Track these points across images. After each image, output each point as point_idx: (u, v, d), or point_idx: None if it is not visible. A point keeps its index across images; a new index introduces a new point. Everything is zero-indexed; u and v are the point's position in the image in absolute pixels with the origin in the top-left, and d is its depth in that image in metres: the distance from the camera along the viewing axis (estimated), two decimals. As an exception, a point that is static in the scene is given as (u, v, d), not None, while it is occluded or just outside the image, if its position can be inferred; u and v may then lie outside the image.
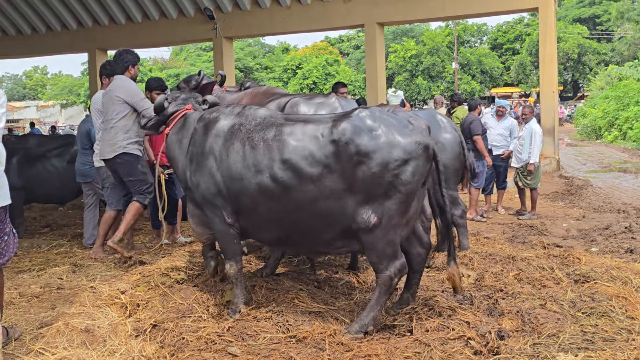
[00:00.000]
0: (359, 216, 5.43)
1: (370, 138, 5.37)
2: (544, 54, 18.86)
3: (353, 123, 5.47)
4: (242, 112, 6.12)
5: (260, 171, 5.67)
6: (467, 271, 7.24)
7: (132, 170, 8.15)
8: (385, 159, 5.32)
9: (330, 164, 5.45)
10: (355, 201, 5.42)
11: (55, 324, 5.64)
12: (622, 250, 8.98)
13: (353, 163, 5.36)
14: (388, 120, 5.50)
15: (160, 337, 5.48)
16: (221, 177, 5.91)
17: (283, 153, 5.60)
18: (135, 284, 6.84)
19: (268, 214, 5.80)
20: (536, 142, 12.18)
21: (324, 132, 5.55)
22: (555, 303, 6.13)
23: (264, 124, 5.86)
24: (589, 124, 38.09)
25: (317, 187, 5.48)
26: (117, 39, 23.78)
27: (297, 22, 21.06)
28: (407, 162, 5.35)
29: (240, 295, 6.19)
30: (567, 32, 65.27)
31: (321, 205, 5.51)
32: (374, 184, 5.34)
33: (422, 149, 5.42)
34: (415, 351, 5.13)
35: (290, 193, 5.58)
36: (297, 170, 5.52)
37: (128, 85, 8.14)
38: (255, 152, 5.73)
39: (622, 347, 5.07)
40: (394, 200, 5.38)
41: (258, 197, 5.74)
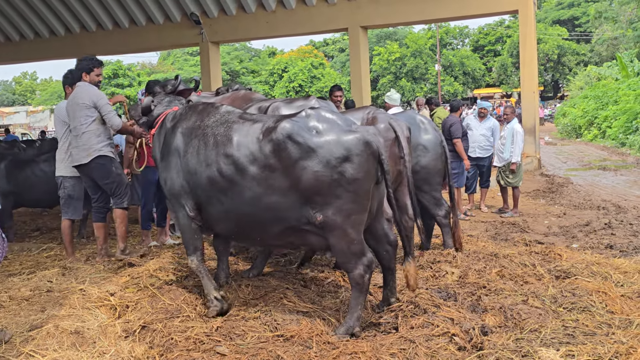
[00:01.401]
0: (307, 213, 5.49)
1: (310, 137, 5.42)
2: (524, 55, 18.93)
3: (293, 123, 5.54)
4: (205, 109, 6.32)
5: (209, 165, 5.87)
6: (451, 268, 7.25)
7: (108, 173, 8.09)
8: (325, 158, 5.35)
9: (271, 162, 5.54)
10: (301, 198, 5.48)
11: (45, 327, 5.60)
12: (602, 246, 9.03)
13: (293, 162, 5.42)
14: (331, 120, 5.54)
15: (149, 338, 5.45)
16: (183, 173, 6.13)
17: (226, 149, 5.77)
18: (124, 285, 6.81)
19: (220, 208, 5.94)
20: (518, 142, 12.24)
21: (264, 132, 5.66)
22: (537, 299, 6.14)
23: (220, 121, 6.04)
24: (569, 123, 38.29)
25: (259, 184, 5.59)
26: (104, 45, 23.75)
27: (282, 26, 21.05)
28: (348, 159, 5.35)
29: (209, 284, 6.31)
30: (547, 33, 65.54)
31: (266, 200, 5.60)
32: (317, 182, 5.37)
33: (364, 146, 5.41)
34: (401, 348, 5.13)
35: (235, 188, 5.72)
36: (240, 167, 5.67)
37: (92, 90, 8.08)
38: (207, 147, 5.93)
39: (603, 341, 5.08)
40: (345, 199, 5.38)
41: (210, 190, 5.93)
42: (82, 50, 23.62)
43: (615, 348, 4.87)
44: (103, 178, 8.10)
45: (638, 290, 6.40)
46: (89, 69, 8.23)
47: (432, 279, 7.00)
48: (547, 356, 4.84)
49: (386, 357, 4.95)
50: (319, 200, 5.41)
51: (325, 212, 5.41)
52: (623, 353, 4.76)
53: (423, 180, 8.07)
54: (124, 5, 22.33)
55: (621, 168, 20.27)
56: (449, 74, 68.60)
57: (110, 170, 8.11)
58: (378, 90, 64.91)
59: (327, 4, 20.16)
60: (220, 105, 6.40)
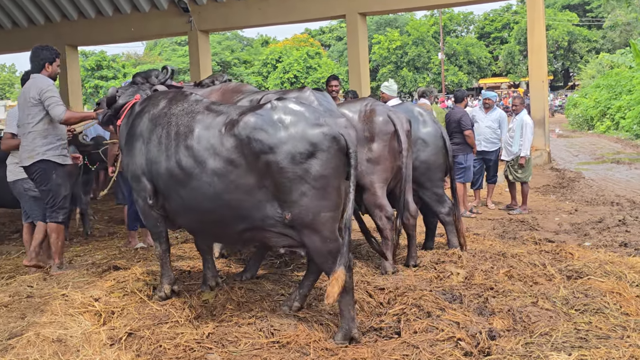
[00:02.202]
0: (273, 212, 5.52)
1: (274, 131, 5.44)
2: (532, 43, 18.89)
3: (257, 116, 5.56)
4: (175, 97, 6.39)
5: (169, 156, 5.95)
6: (456, 269, 7.24)
7: (46, 180, 7.76)
8: (289, 152, 5.36)
9: (233, 157, 5.57)
10: (266, 197, 5.51)
11: (25, 335, 5.58)
12: (616, 244, 9.03)
13: (255, 157, 5.45)
14: (299, 113, 5.54)
15: (136, 346, 5.44)
16: (144, 159, 6.22)
17: (187, 141, 5.83)
18: (109, 290, 6.80)
19: (180, 201, 6.03)
20: (527, 134, 12.22)
21: (227, 125, 5.69)
22: (548, 300, 6.14)
23: (186, 110, 6.10)
24: (581, 114, 38.26)
25: (221, 179, 5.62)
26: (87, 34, 23.67)
27: (276, 14, 20.98)
28: (313, 154, 5.36)
29: (165, 276, 6.57)
30: (557, 19, 65.57)
31: (228, 197, 5.64)
32: (282, 178, 5.39)
33: (331, 141, 5.41)
34: (404, 354, 5.13)
35: (195, 182, 5.77)
36: (199, 160, 5.73)
37: (44, 82, 7.81)
38: (169, 137, 6.00)
39: (617, 345, 5.08)
40: (313, 196, 5.40)
41: (169, 182, 6.02)
42: (63, 40, 23.59)
43: (631, 352, 4.87)
44: (40, 184, 7.81)
45: (654, 291, 6.41)
46: (52, 60, 8.08)
47: (437, 280, 6.99)
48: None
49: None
50: (286, 199, 5.43)
51: (293, 210, 5.43)
52: (639, 357, 4.76)
53: (423, 175, 8.07)
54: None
55: (636, 161, 20.28)
56: (452, 63, 68.61)
57: (49, 178, 7.77)
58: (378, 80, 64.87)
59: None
60: (190, 94, 6.46)
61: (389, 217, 7.48)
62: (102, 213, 13.01)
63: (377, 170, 7.44)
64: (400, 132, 7.44)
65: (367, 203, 7.51)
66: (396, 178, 7.64)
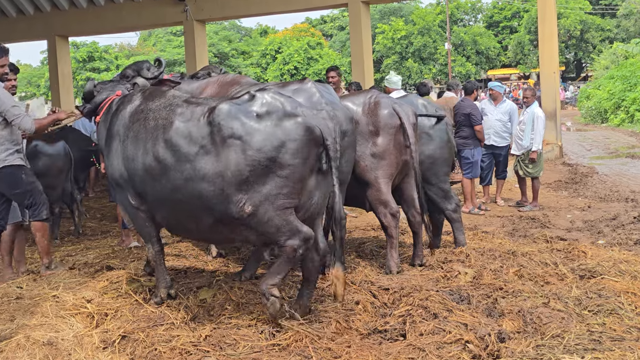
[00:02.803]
0: (234, 203, 5.62)
1: (247, 120, 5.60)
2: (543, 32, 18.88)
3: (232, 105, 5.73)
4: (152, 93, 6.54)
5: (146, 151, 6.07)
6: (464, 268, 7.24)
7: (17, 182, 7.62)
8: (259, 142, 5.51)
9: (204, 143, 5.72)
10: (230, 186, 5.62)
11: (15, 337, 5.60)
12: (630, 242, 9.02)
13: (225, 144, 5.59)
14: (275, 104, 5.68)
15: (130, 349, 5.45)
16: (121, 159, 6.36)
17: (166, 133, 5.95)
18: (102, 291, 6.82)
19: (156, 194, 6.16)
20: (538, 128, 12.19)
21: (204, 114, 5.83)
22: (560, 301, 6.14)
23: (163, 104, 6.23)
24: (594, 107, 38.23)
25: (190, 165, 5.76)
26: (78, 25, 23.67)
27: (276, 2, 20.96)
28: (283, 144, 5.52)
29: (161, 279, 6.61)
30: (568, 7, 65.47)
31: (196, 185, 5.75)
32: (248, 167, 5.52)
33: (302, 131, 5.55)
34: (409, 357, 5.15)
35: (170, 172, 5.90)
36: (175, 150, 5.85)
37: (5, 96, 7.51)
38: (147, 132, 6.13)
39: (632, 347, 5.09)
40: (274, 184, 5.55)
41: (145, 176, 6.15)
42: (53, 30, 23.60)
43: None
44: (12, 189, 7.64)
45: (671, 291, 6.41)
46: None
47: (443, 279, 6.99)
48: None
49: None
50: (248, 188, 5.57)
51: (254, 199, 5.56)
52: (655, 360, 4.77)
53: (429, 170, 8.05)
54: (99, -20, 22.30)
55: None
56: (460, 54, 68.53)
57: (19, 179, 7.63)
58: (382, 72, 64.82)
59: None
60: (167, 90, 6.61)
61: (394, 214, 7.48)
62: (95, 211, 13.00)
63: (382, 166, 7.43)
64: (407, 126, 7.43)
65: (371, 199, 7.51)
66: (401, 173, 7.64)
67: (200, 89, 7.68)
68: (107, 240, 10.09)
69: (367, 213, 8.05)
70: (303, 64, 63.03)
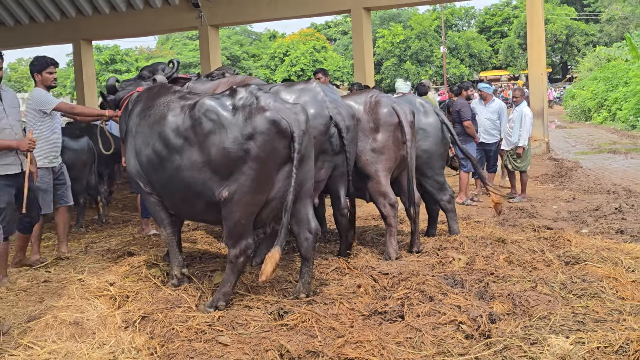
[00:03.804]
0: (215, 190, 5.74)
1: (224, 114, 5.68)
2: (531, 36, 18.83)
3: (212, 100, 5.83)
4: (159, 91, 6.61)
5: (148, 144, 6.20)
6: (457, 255, 7.23)
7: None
8: (233, 134, 5.58)
9: (188, 135, 5.83)
10: (211, 173, 5.73)
11: (43, 318, 5.62)
12: (612, 231, 9.02)
13: (205, 136, 5.69)
14: (251, 98, 5.75)
15: (149, 328, 5.46)
16: (134, 152, 6.47)
17: (160, 127, 6.07)
18: (124, 275, 6.83)
19: (159, 183, 6.29)
20: (526, 125, 12.20)
21: (188, 108, 5.95)
22: (546, 285, 6.14)
23: (165, 101, 6.31)
24: (578, 106, 38.17)
25: (180, 156, 5.88)
26: (101, 29, 23.68)
27: (283, 9, 20.94)
28: (252, 137, 5.57)
29: (174, 259, 6.65)
30: (555, 13, 65.26)
31: (186, 174, 5.87)
32: (224, 157, 5.62)
33: (270, 124, 5.61)
34: (407, 336, 5.14)
35: (165, 162, 6.03)
36: (167, 143, 5.97)
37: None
38: (149, 127, 6.24)
39: (613, 328, 5.08)
40: (245, 176, 5.63)
41: (149, 167, 6.28)
42: (78, 35, 23.61)
43: (627, 335, 4.85)
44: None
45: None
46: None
47: (439, 265, 6.99)
48: (556, 343, 4.84)
49: (392, 346, 4.96)
50: (225, 177, 5.67)
51: (231, 188, 5.66)
52: (634, 340, 4.75)
53: (425, 164, 8.07)
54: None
55: (632, 151, 20.24)
56: (454, 56, 68.39)
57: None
58: (382, 73, 64.85)
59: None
60: (171, 87, 6.74)
61: (393, 204, 7.48)
62: (117, 201, 13.01)
63: (381, 160, 7.43)
64: (404, 123, 7.43)
65: (371, 191, 7.51)
66: (400, 167, 7.64)
67: (213, 88, 7.71)
68: (128, 228, 10.10)
69: (368, 204, 8.03)
70: (309, 66, 62.88)
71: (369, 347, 4.85)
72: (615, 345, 4.74)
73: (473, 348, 4.94)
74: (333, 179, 7.10)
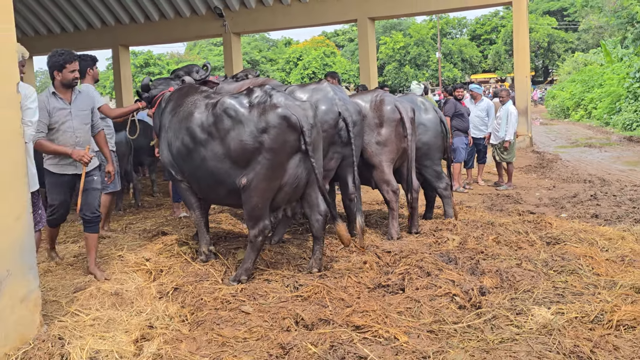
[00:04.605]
0: (236, 178, 5.78)
1: (242, 111, 5.72)
2: (517, 43, 18.70)
3: (232, 98, 5.87)
4: (188, 91, 6.61)
5: (177, 138, 6.23)
6: (451, 235, 7.24)
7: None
8: (250, 128, 5.63)
9: (211, 130, 5.87)
10: (231, 163, 5.77)
11: (88, 289, 5.65)
12: (588, 215, 8.99)
13: (225, 131, 5.74)
14: (266, 97, 5.78)
15: (181, 299, 5.49)
16: (167, 144, 6.48)
17: (187, 123, 6.10)
18: (158, 252, 6.85)
19: (188, 172, 6.32)
20: (511, 122, 12.17)
21: (211, 106, 5.99)
22: (530, 263, 6.14)
23: (192, 100, 6.32)
24: (558, 105, 37.97)
25: (204, 149, 5.93)
26: (137, 36, 23.69)
27: (297, 18, 20.87)
28: (266, 130, 5.61)
29: (202, 238, 6.68)
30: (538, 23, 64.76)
31: (209, 164, 5.92)
32: (241, 149, 5.66)
33: (281, 119, 5.64)
34: (407, 307, 5.16)
35: (193, 153, 6.07)
36: (193, 136, 6.01)
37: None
38: (179, 123, 6.26)
39: (589, 300, 5.09)
40: (261, 165, 5.66)
41: (178, 158, 6.32)
42: (116, 41, 23.64)
43: (601, 306, 4.87)
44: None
45: (621, 255, 6.39)
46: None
47: (435, 245, 7.00)
48: (539, 314, 4.85)
49: (394, 315, 4.97)
50: (244, 166, 5.71)
51: (249, 176, 5.69)
52: (608, 311, 4.76)
53: (425, 155, 8.07)
54: (154, 0, 22.25)
55: (605, 145, 20.14)
56: (448, 61, 68.03)
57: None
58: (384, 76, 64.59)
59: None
60: (198, 87, 6.75)
61: (395, 191, 7.48)
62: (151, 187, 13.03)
63: (385, 151, 7.43)
64: (405, 119, 7.43)
65: (376, 179, 7.51)
66: (401, 158, 7.64)
67: (238, 88, 7.71)
68: (161, 211, 10.11)
69: (373, 190, 8.03)
70: (320, 69, 62.67)
71: (373, 316, 4.86)
72: (591, 315, 4.76)
73: (465, 317, 4.95)
74: (342, 168, 7.11)
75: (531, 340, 4.42)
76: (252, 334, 4.67)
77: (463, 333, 4.66)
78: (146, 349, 4.47)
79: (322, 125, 6.34)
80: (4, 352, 4.22)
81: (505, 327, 4.71)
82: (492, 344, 4.40)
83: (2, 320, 4.23)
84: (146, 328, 4.85)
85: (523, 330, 4.62)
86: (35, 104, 5.23)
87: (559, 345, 4.28)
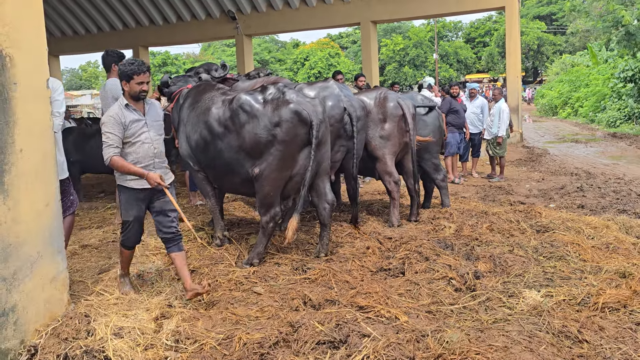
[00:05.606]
0: (249, 168, 5.78)
1: (256, 106, 5.71)
2: (509, 46, 18.64)
3: (248, 95, 5.85)
4: (205, 88, 6.62)
5: (196, 131, 6.22)
6: (448, 223, 7.23)
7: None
8: (264, 122, 5.63)
9: (228, 124, 5.86)
10: (246, 155, 5.78)
11: (111, 271, 5.68)
12: (575, 206, 8.96)
13: (241, 125, 5.73)
14: (278, 94, 5.80)
15: (198, 280, 5.49)
16: (185, 137, 6.47)
17: (206, 117, 6.09)
18: (176, 237, 6.84)
19: (206, 163, 6.31)
20: (504, 119, 12.15)
21: (228, 102, 5.99)
22: (521, 249, 6.13)
23: (209, 97, 6.32)
24: (547, 103, 37.85)
25: (221, 141, 5.92)
26: (156, 37, 23.68)
27: (305, 21, 20.82)
28: (279, 124, 5.62)
29: (217, 224, 6.69)
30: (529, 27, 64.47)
31: (225, 155, 5.92)
32: (256, 141, 5.67)
33: (292, 114, 5.64)
34: (407, 289, 5.16)
35: (210, 145, 6.06)
36: (210, 129, 6.01)
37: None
38: (197, 117, 6.25)
39: (576, 284, 5.09)
40: (273, 156, 5.66)
41: (196, 150, 6.30)
42: (137, 42, 23.64)
43: (587, 290, 4.86)
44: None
45: (606, 242, 6.37)
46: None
47: (433, 232, 6.99)
48: (530, 296, 4.85)
49: (395, 297, 4.98)
50: (257, 157, 5.71)
51: (261, 166, 5.69)
52: (594, 294, 4.76)
53: (424, 149, 8.05)
54: (172, 4, 22.21)
55: (591, 141, 20.06)
56: (445, 62, 67.81)
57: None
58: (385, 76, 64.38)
59: (343, 2, 19.89)
60: (215, 84, 6.77)
61: (396, 181, 7.47)
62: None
63: (387, 145, 7.42)
64: (407, 115, 7.42)
65: (379, 171, 7.51)
66: (403, 151, 7.62)
67: (251, 86, 7.68)
68: (179, 200, 10.08)
69: (376, 181, 8.02)
70: (325, 69, 62.53)
71: (376, 297, 4.87)
72: (578, 298, 4.75)
73: (461, 299, 4.96)
74: (347, 160, 7.10)
75: (522, 320, 4.42)
76: (264, 313, 4.68)
77: (459, 313, 4.66)
78: (165, 326, 4.49)
79: (329, 119, 6.34)
80: (35, 328, 4.24)
81: (498, 309, 4.71)
82: (486, 324, 4.40)
83: (33, 299, 4.25)
84: (165, 307, 4.86)
85: (515, 312, 4.62)
86: (62, 96, 5.27)
87: (548, 325, 4.29)
